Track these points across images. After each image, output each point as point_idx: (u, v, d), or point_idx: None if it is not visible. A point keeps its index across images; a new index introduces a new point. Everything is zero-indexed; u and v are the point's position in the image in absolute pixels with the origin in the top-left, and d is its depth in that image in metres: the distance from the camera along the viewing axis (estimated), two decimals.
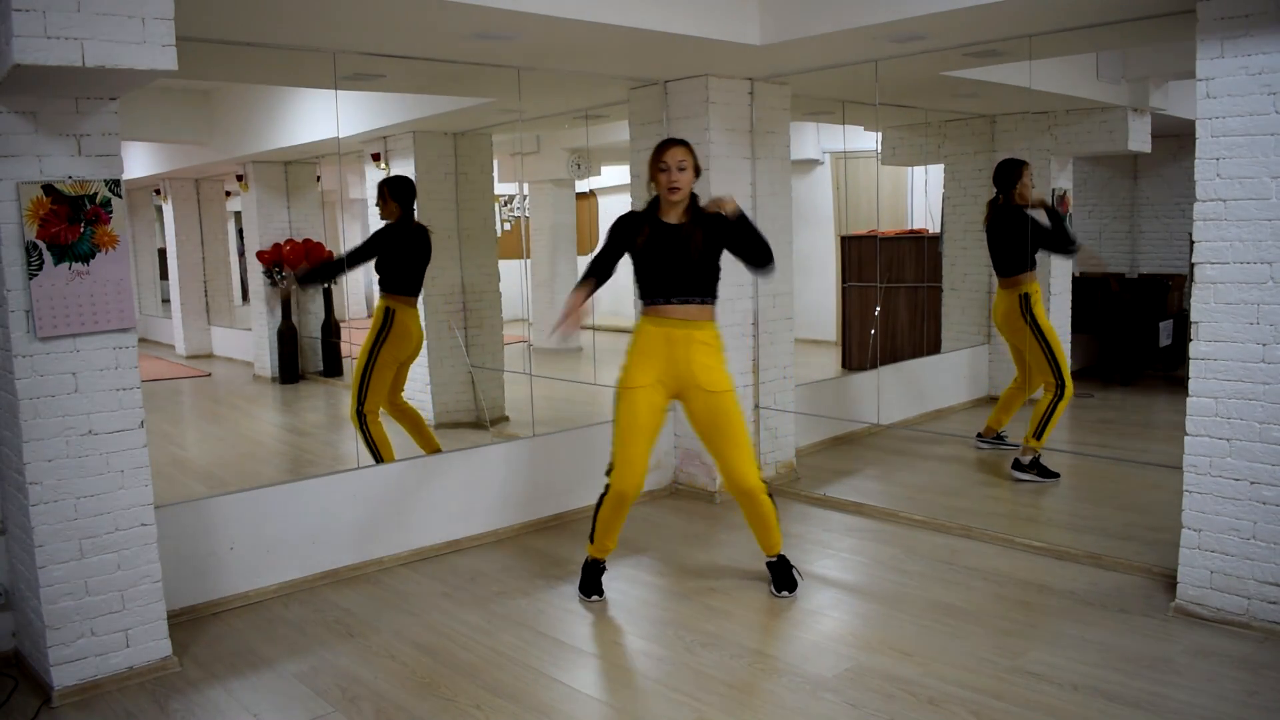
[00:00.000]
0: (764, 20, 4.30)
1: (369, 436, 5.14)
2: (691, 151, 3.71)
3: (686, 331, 3.69)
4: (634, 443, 3.72)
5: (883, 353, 7.79)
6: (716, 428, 3.72)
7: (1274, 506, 3.31)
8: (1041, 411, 5.21)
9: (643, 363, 3.72)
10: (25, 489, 3.08)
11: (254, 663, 3.44)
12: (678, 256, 3.67)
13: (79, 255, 3.10)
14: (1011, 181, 5.28)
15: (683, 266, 3.67)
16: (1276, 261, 3.25)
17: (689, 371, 3.69)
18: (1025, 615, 3.63)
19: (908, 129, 7.57)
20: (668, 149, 3.68)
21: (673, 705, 3.04)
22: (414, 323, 5.25)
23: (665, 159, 3.65)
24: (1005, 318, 5.44)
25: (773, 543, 3.91)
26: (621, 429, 3.74)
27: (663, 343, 3.70)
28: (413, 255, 5.21)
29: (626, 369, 3.75)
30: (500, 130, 6.89)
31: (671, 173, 3.65)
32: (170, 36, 2.82)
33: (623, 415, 3.73)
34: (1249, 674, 3.09)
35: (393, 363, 5.20)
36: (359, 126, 6.46)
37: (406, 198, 5.18)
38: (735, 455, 3.72)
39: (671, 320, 3.69)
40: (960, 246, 7.38)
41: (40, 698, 3.19)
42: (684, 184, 3.66)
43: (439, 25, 3.79)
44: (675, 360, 3.69)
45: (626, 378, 3.74)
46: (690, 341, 3.68)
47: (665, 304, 3.70)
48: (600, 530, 3.90)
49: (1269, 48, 3.20)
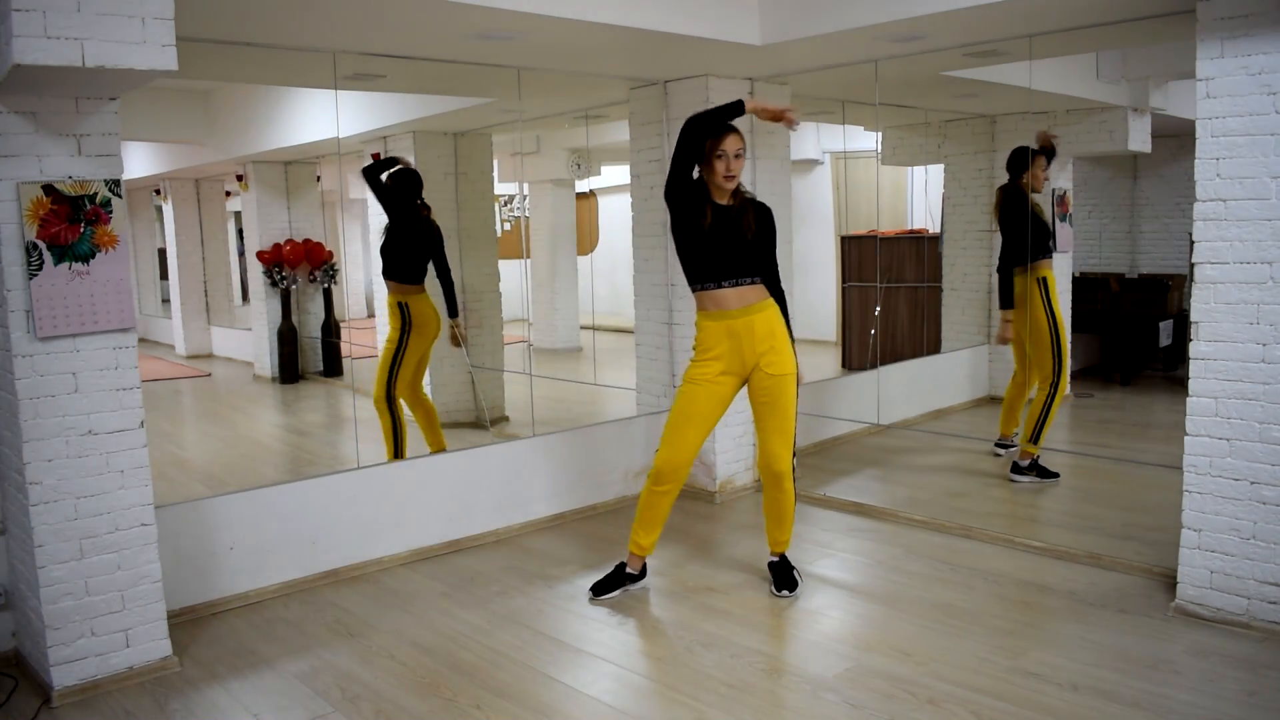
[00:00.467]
0: (764, 20, 4.30)
1: (395, 421, 5.23)
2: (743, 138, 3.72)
3: (747, 319, 3.71)
4: (686, 427, 3.77)
5: (883, 353, 7.79)
6: (769, 408, 3.78)
7: (1274, 506, 3.31)
8: (1037, 413, 5.20)
9: (709, 360, 3.76)
10: (25, 489, 3.08)
11: (254, 663, 3.44)
12: (733, 237, 3.69)
13: (79, 255, 3.10)
14: (1018, 169, 5.28)
15: (736, 247, 3.69)
16: (1276, 261, 3.25)
17: (754, 358, 3.74)
18: (1025, 615, 3.63)
19: (908, 129, 7.57)
20: (726, 136, 3.65)
21: (673, 705, 3.04)
22: (429, 308, 5.37)
23: (724, 146, 3.64)
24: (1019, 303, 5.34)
25: (782, 539, 3.93)
26: (676, 413, 3.80)
27: (725, 337, 3.73)
28: (423, 245, 5.31)
29: (696, 363, 3.80)
30: (500, 130, 6.89)
31: (728, 160, 3.65)
32: (170, 36, 2.82)
33: (680, 403, 3.79)
34: (1249, 674, 3.09)
35: (420, 350, 5.34)
36: (359, 126, 6.46)
37: (410, 189, 5.30)
38: (778, 438, 3.80)
39: (730, 312, 3.71)
40: (960, 246, 7.38)
41: (40, 698, 3.20)
42: (739, 171, 3.69)
43: (439, 25, 3.79)
44: (741, 351, 3.73)
45: (694, 371, 3.79)
46: (752, 331, 3.71)
47: (718, 288, 3.70)
48: (638, 518, 3.89)
49: (1269, 48, 3.20)
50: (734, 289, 3.71)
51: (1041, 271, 5.28)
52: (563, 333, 9.91)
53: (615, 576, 3.96)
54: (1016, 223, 5.28)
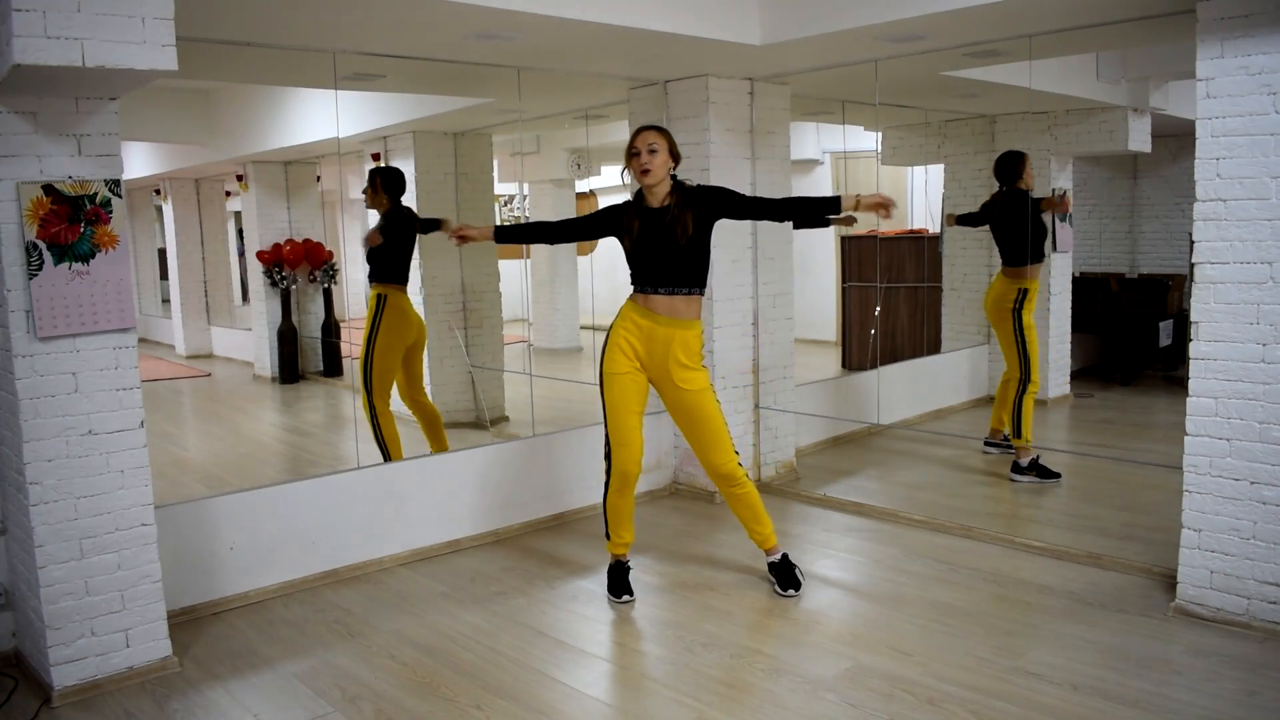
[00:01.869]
0: (764, 20, 4.30)
1: (378, 431, 5.17)
2: (665, 135, 3.70)
3: (669, 331, 3.70)
4: (627, 421, 3.76)
5: (883, 353, 7.79)
6: (693, 422, 3.80)
7: (1274, 506, 3.31)
8: (1011, 407, 5.30)
9: (626, 349, 3.75)
10: (25, 489, 3.09)
11: (254, 663, 3.44)
12: (664, 242, 3.67)
13: (79, 255, 3.10)
14: (1017, 172, 5.32)
15: (666, 254, 3.67)
16: (1276, 261, 3.25)
17: (665, 369, 3.74)
18: (1025, 615, 3.63)
19: (908, 129, 7.57)
20: (638, 134, 3.70)
21: (673, 705, 3.04)
22: (408, 306, 5.34)
23: (636, 144, 3.67)
24: (995, 303, 5.46)
25: (765, 534, 3.92)
26: (613, 409, 3.77)
27: (643, 337, 3.73)
28: (404, 241, 5.31)
29: (609, 355, 3.78)
30: (500, 130, 6.89)
31: (642, 156, 3.65)
32: (170, 36, 2.82)
33: (612, 397, 3.77)
34: (1249, 674, 3.09)
35: (395, 348, 5.25)
36: (359, 126, 6.46)
37: (397, 188, 5.32)
38: (712, 447, 3.79)
39: (656, 316, 3.70)
40: (960, 246, 7.38)
41: (40, 698, 3.20)
42: (655, 166, 3.64)
43: (439, 25, 3.79)
44: (654, 355, 3.74)
45: (610, 364, 3.77)
46: (670, 342, 3.70)
47: (653, 293, 3.70)
48: (612, 521, 3.91)
49: (1269, 48, 3.20)
50: (666, 297, 3.69)
51: (1025, 282, 5.34)
52: (563, 333, 9.92)
53: (619, 574, 3.96)
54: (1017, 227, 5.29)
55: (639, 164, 3.66)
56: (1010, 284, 5.38)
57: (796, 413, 5.67)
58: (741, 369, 5.33)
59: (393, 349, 5.24)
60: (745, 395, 5.36)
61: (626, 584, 3.94)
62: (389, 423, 5.21)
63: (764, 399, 5.44)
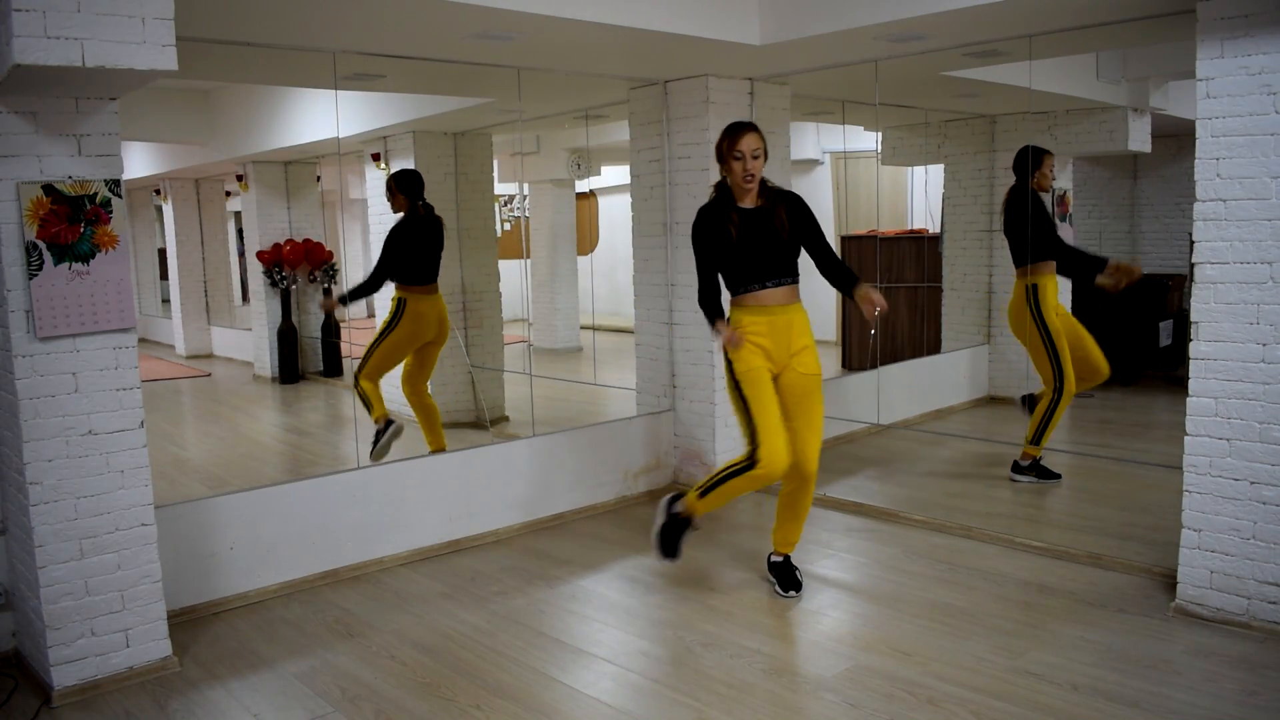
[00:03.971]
0: (764, 20, 4.30)
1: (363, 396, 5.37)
2: (763, 137, 3.66)
3: (787, 317, 3.69)
4: (774, 421, 3.66)
5: (883, 353, 7.79)
6: (803, 406, 3.76)
7: (1274, 506, 3.31)
8: (1040, 415, 5.10)
9: (753, 349, 3.68)
10: (25, 489, 3.09)
11: (254, 663, 3.44)
12: (767, 239, 3.65)
13: (79, 255, 3.10)
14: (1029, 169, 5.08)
15: (773, 248, 3.65)
16: (1276, 261, 3.25)
17: (788, 355, 3.71)
18: (1025, 615, 3.62)
19: (908, 129, 7.57)
20: (741, 136, 3.59)
21: (673, 705, 3.04)
22: (429, 308, 5.40)
23: (740, 147, 3.59)
24: (1015, 311, 5.20)
25: (793, 539, 3.95)
26: (758, 407, 3.64)
27: (766, 329, 3.68)
28: (424, 245, 5.37)
29: (740, 357, 3.67)
30: (500, 130, 6.89)
31: (746, 161, 3.60)
32: (170, 36, 2.82)
33: (753, 395, 3.65)
34: (1249, 674, 3.09)
35: (402, 348, 5.39)
36: (359, 126, 6.46)
37: (414, 190, 5.37)
38: (812, 436, 3.79)
39: (772, 308, 3.68)
40: (960, 246, 7.38)
41: (40, 698, 3.20)
42: (758, 171, 3.63)
43: (439, 25, 3.79)
44: (779, 345, 3.70)
45: (744, 363, 3.67)
46: (790, 327, 3.70)
47: (761, 289, 3.67)
48: (718, 495, 3.77)
49: (1269, 48, 3.20)
50: (777, 288, 3.68)
51: (1034, 278, 5.08)
52: (563, 333, 9.92)
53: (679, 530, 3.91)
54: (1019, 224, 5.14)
55: (744, 169, 3.60)
56: (1019, 283, 5.16)
57: None
58: None
59: (399, 350, 5.39)
60: None
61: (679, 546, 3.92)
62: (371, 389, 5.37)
63: None
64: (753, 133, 3.62)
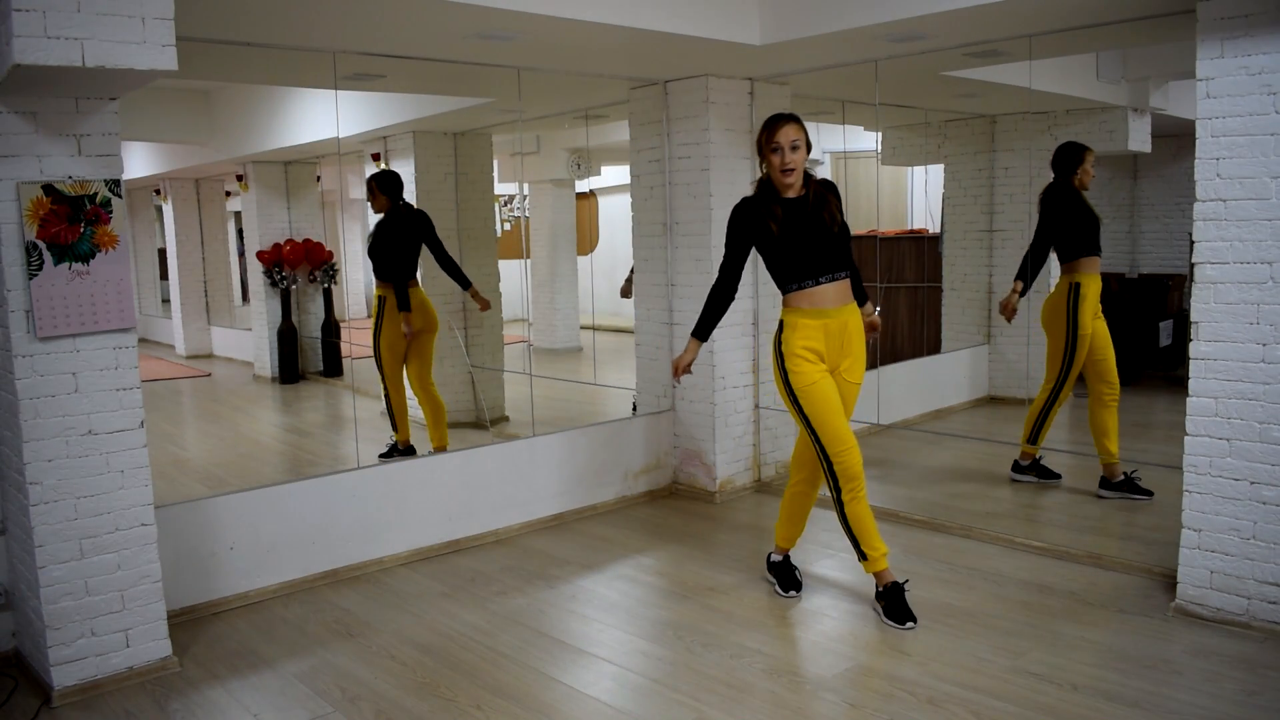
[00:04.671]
0: (764, 20, 4.30)
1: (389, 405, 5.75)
2: (804, 127, 3.49)
3: (841, 320, 3.54)
4: (840, 424, 3.54)
5: (883, 353, 7.79)
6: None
7: (1274, 506, 3.31)
8: (1035, 413, 5.14)
9: (810, 357, 3.53)
10: (25, 489, 3.09)
11: (254, 663, 3.44)
12: (815, 230, 3.48)
13: (79, 255, 3.10)
14: (1071, 166, 4.96)
15: (823, 240, 3.48)
16: (1276, 261, 3.25)
17: (840, 359, 3.58)
18: (1025, 615, 3.62)
19: (908, 129, 7.57)
20: (779, 127, 3.45)
21: (673, 705, 3.04)
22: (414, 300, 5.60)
23: (778, 139, 3.44)
24: (1051, 309, 5.03)
25: (795, 536, 3.95)
26: (822, 418, 3.51)
27: (822, 336, 3.52)
28: (405, 240, 5.58)
29: (796, 369, 3.52)
30: (500, 130, 6.89)
31: (784, 153, 3.43)
32: (170, 36, 2.82)
33: (815, 407, 3.52)
34: (1249, 674, 3.09)
35: (399, 343, 5.61)
36: (359, 126, 6.46)
37: (394, 190, 5.60)
38: None
39: (826, 311, 3.51)
40: (960, 246, 7.38)
41: (40, 698, 3.20)
42: (798, 164, 3.45)
43: (439, 25, 3.79)
44: (832, 350, 3.56)
45: (801, 378, 3.52)
46: (845, 332, 3.55)
47: (815, 285, 3.49)
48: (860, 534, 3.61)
49: (1269, 48, 3.20)
50: (831, 284, 3.50)
51: (1077, 275, 4.94)
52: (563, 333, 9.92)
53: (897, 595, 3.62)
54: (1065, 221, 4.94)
55: (781, 161, 3.44)
56: (1063, 280, 5.01)
57: None
58: (741, 369, 5.33)
59: (397, 344, 5.61)
60: (745, 395, 5.36)
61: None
62: (400, 399, 5.69)
63: (764, 399, 5.44)
64: (791, 124, 3.46)
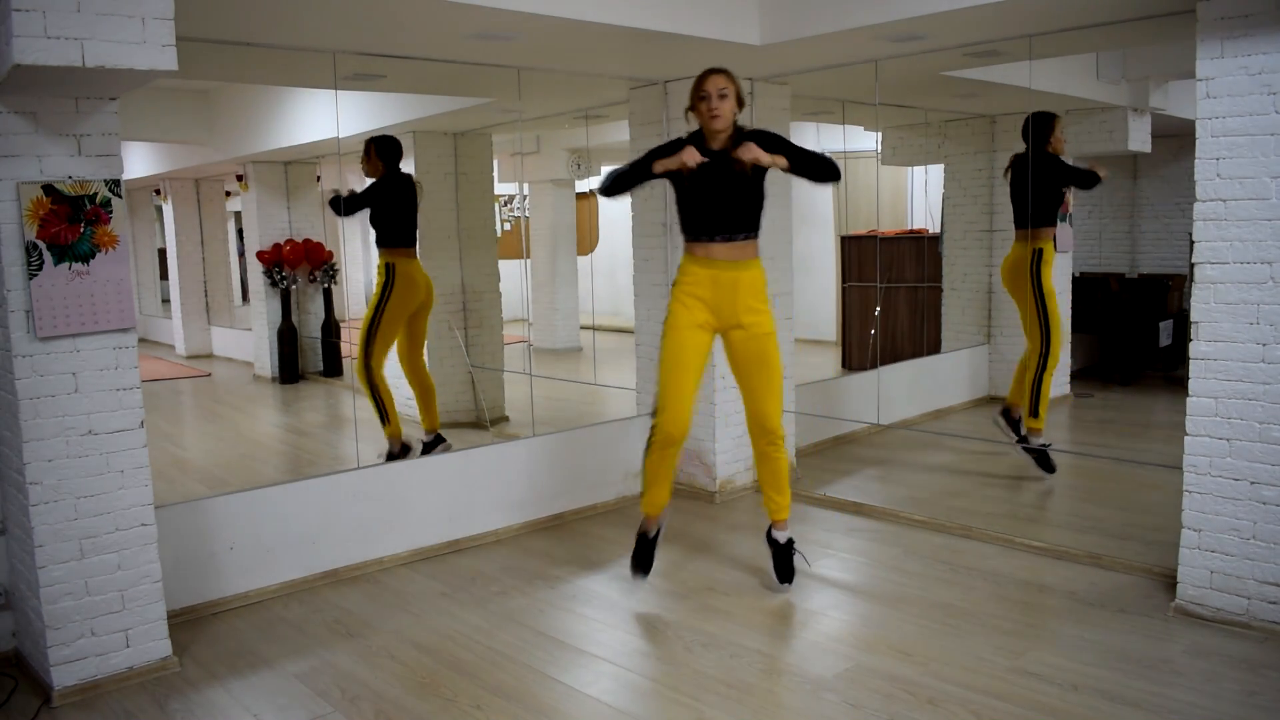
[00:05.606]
0: (764, 20, 4.30)
1: (376, 392, 5.33)
2: (733, 79, 3.57)
3: (733, 274, 3.63)
4: (681, 382, 3.67)
5: (883, 353, 7.79)
6: (754, 368, 3.72)
7: (1274, 506, 3.31)
8: (1030, 386, 5.19)
9: (690, 303, 3.67)
10: (25, 489, 3.09)
11: (254, 663, 3.44)
12: (724, 186, 3.57)
13: (79, 255, 3.10)
14: (1046, 134, 5.19)
15: (731, 197, 3.58)
16: (1276, 261, 3.25)
17: (734, 314, 3.66)
18: (1025, 615, 3.63)
19: (908, 129, 7.57)
20: (708, 76, 3.56)
21: (673, 705, 3.04)
22: (417, 272, 5.48)
23: (706, 86, 3.54)
24: (1012, 269, 5.34)
25: (782, 504, 3.91)
26: (668, 367, 3.69)
27: (709, 285, 3.64)
28: (404, 206, 5.42)
29: (673, 309, 3.70)
30: (500, 130, 6.89)
31: (712, 100, 3.53)
32: (170, 36, 2.82)
33: (668, 353, 3.69)
34: (1249, 674, 3.09)
35: (400, 316, 5.42)
36: (359, 126, 6.45)
37: (392, 155, 5.41)
38: (770, 397, 3.74)
39: (718, 262, 3.62)
40: (960, 246, 7.38)
41: (40, 698, 3.20)
42: (725, 112, 3.54)
43: (439, 25, 3.79)
44: (721, 303, 3.65)
45: (673, 317, 3.69)
46: (737, 285, 3.63)
47: (711, 241, 3.62)
48: (649, 478, 3.86)
49: (1269, 48, 3.20)
50: (726, 244, 3.62)
51: (1040, 242, 5.21)
52: (563, 333, 9.92)
53: (646, 547, 3.92)
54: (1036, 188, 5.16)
55: (709, 108, 3.53)
56: (1023, 246, 5.27)
57: (796, 413, 5.67)
58: None
59: (398, 318, 5.42)
60: None
61: (647, 560, 3.90)
62: (384, 385, 5.38)
63: None
64: (718, 74, 3.56)
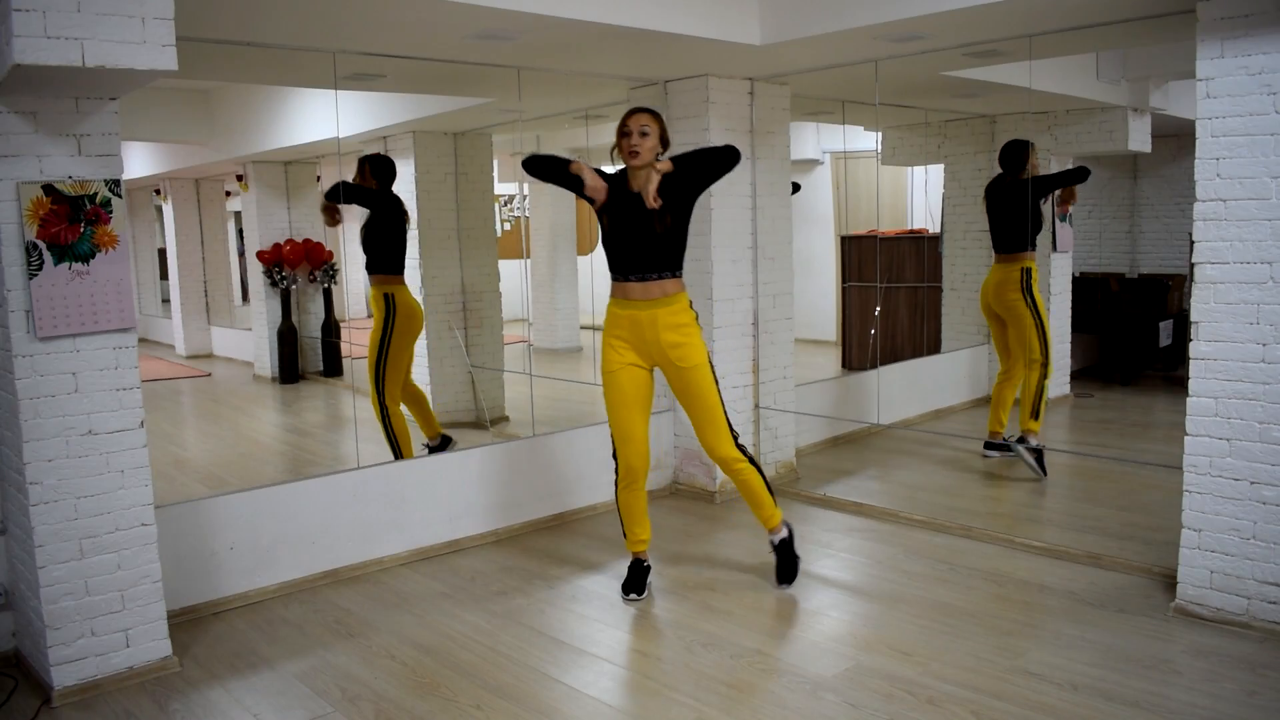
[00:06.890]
0: (764, 20, 4.30)
1: (390, 431, 5.27)
2: (658, 119, 3.65)
3: (651, 313, 3.69)
4: (628, 418, 3.78)
5: (883, 353, 7.79)
6: (689, 399, 3.80)
7: (1274, 506, 3.31)
8: (1032, 393, 5.32)
9: (615, 344, 3.77)
10: (25, 489, 3.09)
11: (254, 663, 3.44)
12: (641, 228, 3.62)
13: (79, 255, 3.10)
14: (1022, 162, 5.38)
15: (646, 239, 3.63)
16: (1276, 261, 3.25)
17: (659, 350, 3.73)
18: (1025, 615, 3.63)
19: (908, 129, 7.57)
20: (631, 115, 3.63)
21: (673, 705, 3.04)
22: (413, 301, 5.43)
23: (628, 124, 3.62)
24: (999, 290, 5.50)
25: (768, 515, 3.93)
26: (610, 407, 3.81)
27: (628, 326, 3.73)
28: (396, 228, 5.35)
29: (603, 355, 3.81)
30: (500, 130, 6.89)
31: (633, 137, 3.59)
32: (170, 36, 2.82)
33: (611, 396, 3.80)
34: (1249, 674, 3.09)
35: (406, 346, 5.38)
36: (359, 126, 6.46)
37: (386, 175, 5.35)
38: (707, 427, 3.80)
39: (636, 303, 3.69)
40: (960, 246, 7.38)
41: (40, 698, 3.20)
42: (644, 150, 3.59)
43: (439, 25, 3.79)
44: (642, 341, 3.73)
45: (604, 364, 3.81)
46: (655, 322, 3.69)
47: (626, 281, 3.70)
48: (625, 519, 3.93)
49: (1269, 48, 3.20)
50: (640, 283, 3.67)
51: (1026, 262, 5.43)
52: (563, 333, 9.91)
53: (639, 573, 3.95)
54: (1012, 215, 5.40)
55: (628, 145, 3.59)
56: (1008, 268, 5.46)
57: (796, 413, 5.67)
58: (741, 369, 5.33)
59: (404, 347, 5.37)
60: (745, 395, 5.36)
61: (640, 583, 3.93)
62: (400, 423, 5.31)
63: (764, 399, 5.44)
64: (642, 113, 3.62)
